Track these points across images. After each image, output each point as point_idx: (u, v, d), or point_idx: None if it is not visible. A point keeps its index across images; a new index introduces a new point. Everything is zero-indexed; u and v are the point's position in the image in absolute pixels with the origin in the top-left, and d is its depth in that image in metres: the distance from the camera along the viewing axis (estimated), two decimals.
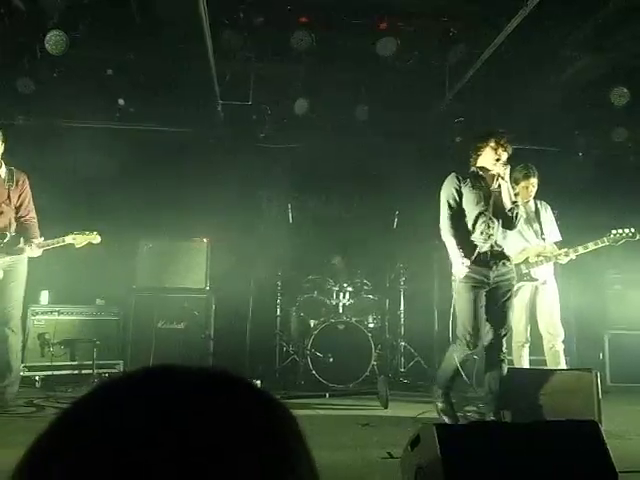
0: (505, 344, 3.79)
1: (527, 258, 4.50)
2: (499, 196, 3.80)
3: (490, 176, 3.84)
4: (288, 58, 5.38)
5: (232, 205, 6.32)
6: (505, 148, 3.77)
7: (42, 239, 4.12)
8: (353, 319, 5.73)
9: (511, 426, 2.32)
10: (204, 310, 5.93)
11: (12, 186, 4.09)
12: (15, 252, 4.03)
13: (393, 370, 6.07)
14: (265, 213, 6.86)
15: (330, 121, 6.43)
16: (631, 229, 4.26)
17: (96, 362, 5.26)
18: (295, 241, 6.29)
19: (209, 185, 6.40)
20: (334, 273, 6.16)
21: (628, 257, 5.55)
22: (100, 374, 5.25)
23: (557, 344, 4.46)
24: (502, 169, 3.73)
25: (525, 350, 4.53)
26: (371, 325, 6.00)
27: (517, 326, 4.30)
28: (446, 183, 3.96)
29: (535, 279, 4.50)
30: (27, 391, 4.82)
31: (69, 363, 5.35)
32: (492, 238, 3.77)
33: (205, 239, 6.13)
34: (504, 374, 3.71)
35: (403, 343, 6.14)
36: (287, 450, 0.51)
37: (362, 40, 5.06)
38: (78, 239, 4.20)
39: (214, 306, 5.98)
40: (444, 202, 3.93)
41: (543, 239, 4.57)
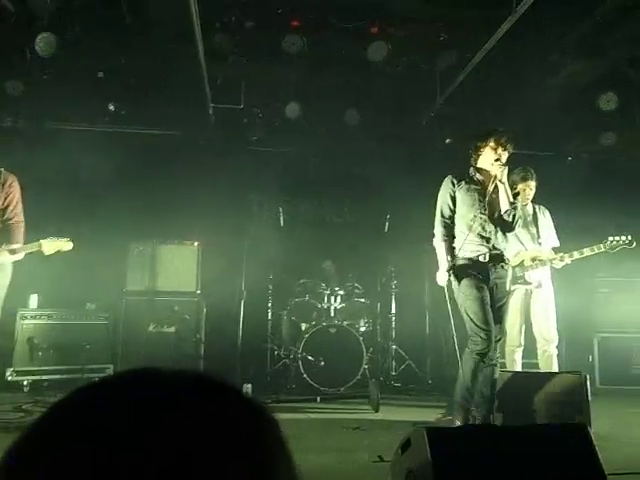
0: (498, 348, 3.74)
1: (522, 262, 4.48)
2: (496, 198, 3.73)
3: (488, 177, 3.77)
4: (279, 62, 5.38)
5: (223, 208, 6.31)
6: (505, 147, 3.70)
7: (19, 245, 3.88)
8: (344, 323, 5.73)
9: (501, 429, 2.33)
10: (195, 314, 5.91)
11: None
12: None
13: (384, 373, 6.07)
14: (256, 217, 6.85)
15: (321, 125, 6.44)
16: (628, 237, 4.21)
17: (86, 366, 5.23)
18: (286, 245, 6.29)
19: (200, 188, 6.38)
20: (325, 277, 6.16)
21: (615, 260, 5.60)
22: (90, 379, 5.19)
23: (550, 348, 4.44)
24: (499, 170, 3.65)
25: (518, 354, 4.51)
26: (362, 328, 6.00)
27: (511, 330, 4.28)
28: (442, 187, 3.89)
29: (529, 283, 4.49)
30: (15, 396, 4.77)
31: (58, 367, 5.31)
32: (491, 241, 3.71)
33: (196, 242, 6.12)
34: (495, 378, 3.66)
35: (394, 346, 6.14)
36: (271, 457, 0.51)
37: (353, 44, 5.08)
38: (46, 246, 3.86)
39: (205, 310, 5.97)
40: (438, 208, 3.87)
41: (539, 243, 4.55)
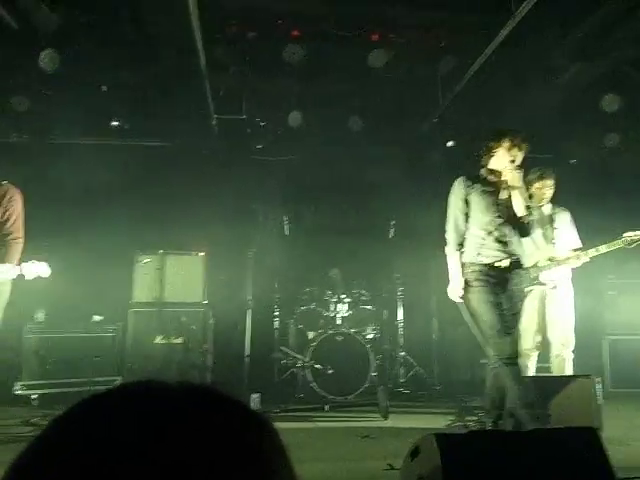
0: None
1: (536, 262, 4.40)
2: (511, 201, 3.56)
3: (502, 180, 3.60)
4: (281, 71, 5.41)
5: (228, 218, 6.33)
6: (520, 148, 3.53)
7: (10, 265, 3.64)
8: (351, 330, 5.71)
9: (511, 434, 2.31)
10: (202, 324, 5.91)
11: None
12: None
13: (393, 380, 6.04)
14: (261, 226, 6.87)
15: (324, 133, 6.46)
16: None
17: (94, 379, 5.22)
18: (291, 253, 6.30)
19: (204, 198, 6.42)
20: (331, 284, 6.15)
21: (624, 262, 5.56)
22: (98, 391, 5.21)
23: (565, 353, 4.35)
24: (515, 175, 3.48)
25: (532, 358, 4.42)
26: (369, 336, 5.98)
27: (525, 333, 4.12)
28: (453, 190, 3.68)
29: (544, 284, 4.39)
30: (24, 410, 4.78)
31: (66, 381, 5.31)
32: (509, 246, 3.54)
33: (201, 253, 6.13)
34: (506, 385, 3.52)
35: (402, 353, 6.12)
36: (273, 469, 0.51)
37: (354, 52, 5.09)
38: (26, 269, 3.61)
39: (212, 320, 5.97)
40: (450, 213, 3.66)
41: (553, 244, 4.46)
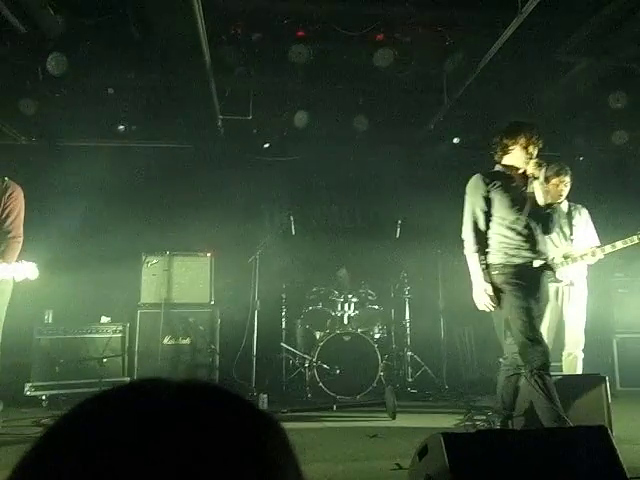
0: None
1: (552, 259, 4.28)
2: (534, 198, 3.42)
3: (520, 176, 3.46)
4: (286, 72, 5.42)
5: (234, 219, 6.34)
6: (536, 144, 3.40)
7: (6, 264, 3.50)
8: (359, 330, 5.71)
9: (519, 433, 2.30)
10: (209, 325, 5.94)
11: None
12: None
13: (400, 380, 6.03)
14: (267, 226, 6.88)
15: (330, 132, 6.46)
16: None
17: (103, 380, 5.25)
18: (298, 253, 6.30)
19: (211, 199, 6.44)
20: (338, 284, 6.15)
21: (633, 260, 5.53)
22: None
23: (576, 351, 4.32)
24: (537, 170, 3.36)
25: None
26: (377, 335, 5.98)
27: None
28: (471, 188, 3.46)
29: (560, 280, 4.33)
30: (34, 411, 4.82)
31: (76, 382, 5.33)
32: (538, 245, 3.39)
33: (208, 253, 6.15)
34: (518, 386, 3.45)
35: (410, 353, 6.10)
36: (279, 468, 0.51)
37: (359, 52, 5.09)
38: (16, 271, 3.43)
39: (219, 320, 5.99)
40: (469, 212, 3.44)
41: (571, 241, 4.41)
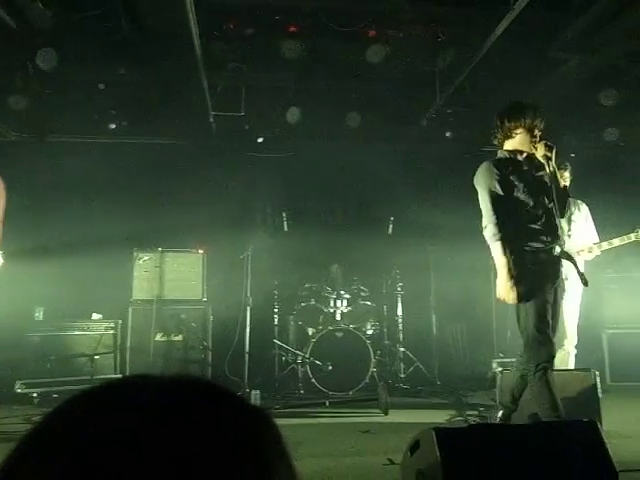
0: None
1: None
2: (548, 181, 3.31)
3: (527, 159, 3.33)
4: (279, 68, 5.40)
5: (227, 215, 6.33)
6: (539, 127, 3.29)
7: None
8: (351, 326, 5.72)
9: (510, 428, 2.31)
10: (202, 321, 5.93)
11: None
12: None
13: (393, 376, 6.05)
14: (260, 222, 6.87)
15: (322, 129, 6.45)
16: None
17: (94, 377, 5.23)
18: (291, 250, 6.29)
19: (203, 195, 6.41)
20: (331, 280, 6.16)
21: (623, 256, 5.57)
22: None
23: (569, 347, 4.35)
24: (548, 151, 3.23)
25: None
26: (369, 332, 5.99)
27: None
28: (483, 175, 3.28)
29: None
30: (25, 408, 4.78)
31: (67, 379, 5.30)
32: (558, 231, 3.28)
33: (201, 250, 6.13)
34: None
35: (402, 349, 6.12)
36: (271, 463, 0.51)
37: (351, 48, 5.08)
38: None
39: (211, 317, 5.98)
40: (487, 198, 3.23)
41: (569, 236, 4.42)
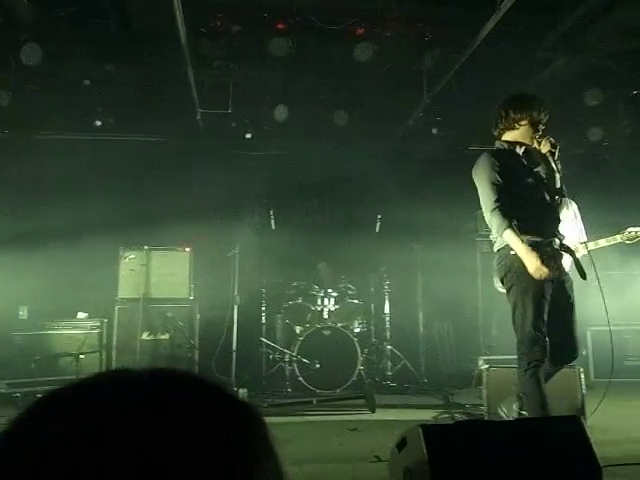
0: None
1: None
2: (543, 176, 3.24)
3: (527, 153, 3.25)
4: (266, 65, 5.39)
5: (214, 213, 6.30)
6: (544, 121, 3.18)
7: None
8: (339, 324, 5.73)
9: (496, 424, 2.33)
10: (188, 320, 5.90)
11: None
12: None
13: (380, 374, 6.07)
14: (247, 220, 6.85)
15: (310, 127, 6.44)
16: None
17: (79, 377, 5.17)
18: (278, 248, 6.28)
19: (190, 194, 6.38)
20: (318, 279, 6.16)
21: (606, 254, 5.62)
22: None
23: None
24: (552, 147, 3.15)
25: None
26: (357, 330, 6.01)
27: None
28: (483, 168, 3.16)
29: None
30: (8, 409, 4.73)
31: (51, 379, 5.23)
32: (559, 224, 3.21)
33: (187, 248, 6.10)
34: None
35: (389, 347, 6.14)
36: (258, 462, 0.49)
37: (339, 46, 5.08)
38: None
39: (198, 316, 5.95)
40: (488, 189, 3.07)
41: None
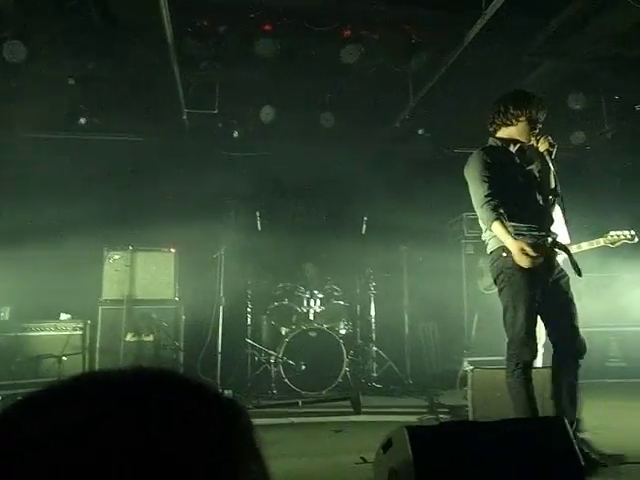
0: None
1: None
2: (536, 175, 3.21)
3: (521, 150, 3.22)
4: (253, 66, 5.37)
5: (199, 214, 6.27)
6: (542, 119, 3.18)
7: None
8: (324, 326, 5.73)
9: (480, 425, 2.35)
10: (173, 321, 5.86)
11: None
12: None
13: (365, 375, 6.08)
14: (233, 221, 6.82)
15: (296, 128, 6.44)
16: (631, 231, 3.89)
17: (62, 379, 5.12)
18: (264, 249, 6.27)
19: (176, 194, 6.34)
20: (304, 280, 6.16)
21: (586, 256, 5.69)
22: None
23: (539, 346, 4.45)
24: (550, 146, 3.11)
25: None
26: (342, 331, 6.01)
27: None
28: (475, 162, 3.17)
29: None
30: None
31: (34, 381, 5.17)
32: (550, 223, 3.18)
33: (173, 249, 6.06)
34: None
35: (375, 348, 6.15)
36: (242, 462, 0.49)
37: (326, 48, 5.09)
38: None
39: (183, 317, 5.91)
40: (479, 184, 3.07)
41: None
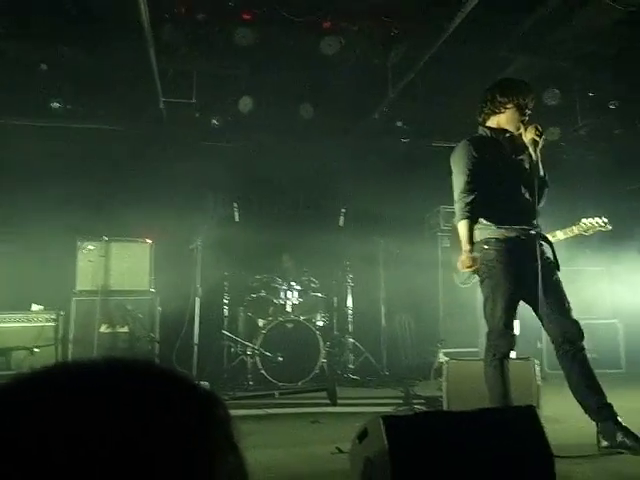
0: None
1: None
2: (525, 166, 3.15)
3: (509, 140, 3.16)
4: (231, 55, 5.32)
5: (176, 204, 6.20)
6: (530, 106, 3.11)
7: None
8: (301, 317, 5.74)
9: (454, 415, 2.38)
10: (149, 312, 5.81)
11: None
12: None
13: (342, 367, 6.12)
14: (210, 212, 6.77)
15: (275, 119, 6.41)
16: (603, 219, 3.86)
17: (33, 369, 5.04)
18: (241, 240, 6.24)
19: (152, 184, 6.26)
20: (282, 272, 6.16)
21: (566, 249, 5.80)
22: None
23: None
24: (537, 136, 3.04)
25: None
26: (319, 323, 6.03)
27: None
28: (459, 155, 3.12)
29: None
30: None
31: (4, 373, 5.08)
32: (533, 215, 3.13)
33: (149, 240, 5.99)
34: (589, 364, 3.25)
35: (351, 340, 6.20)
36: (218, 452, 0.49)
37: (306, 39, 5.06)
38: None
39: (159, 308, 5.86)
40: (460, 180, 3.07)
41: None
